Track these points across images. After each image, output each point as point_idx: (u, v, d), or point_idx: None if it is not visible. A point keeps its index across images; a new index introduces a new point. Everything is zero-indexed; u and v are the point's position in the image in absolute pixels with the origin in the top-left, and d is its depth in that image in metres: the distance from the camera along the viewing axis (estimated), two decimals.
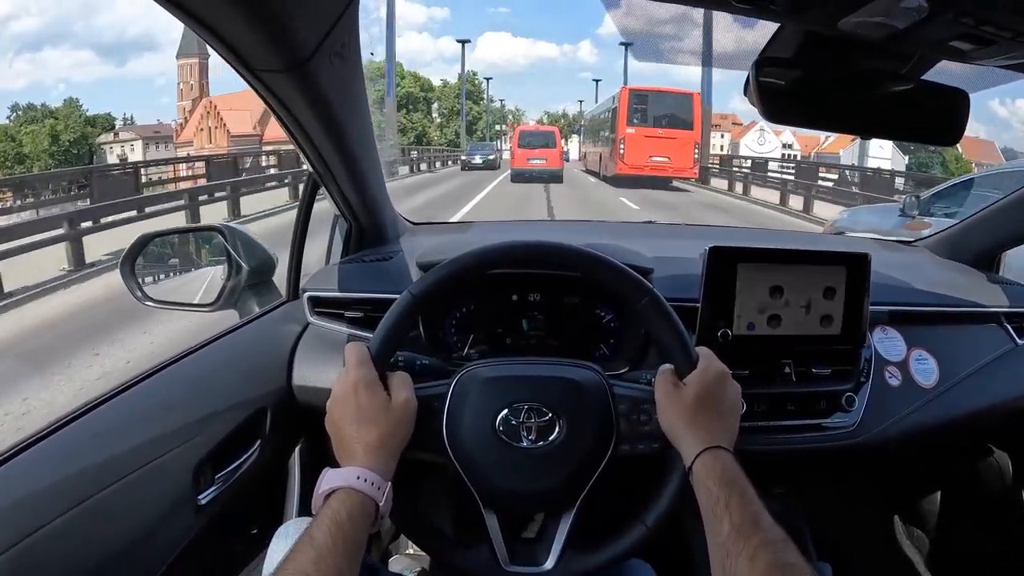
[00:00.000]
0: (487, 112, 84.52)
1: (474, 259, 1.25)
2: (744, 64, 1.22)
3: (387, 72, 45.80)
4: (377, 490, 1.04)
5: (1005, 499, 2.17)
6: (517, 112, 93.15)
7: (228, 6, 0.89)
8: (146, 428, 1.26)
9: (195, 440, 1.31)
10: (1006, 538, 2.18)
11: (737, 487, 1.05)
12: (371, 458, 1.07)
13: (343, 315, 1.67)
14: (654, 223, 2.57)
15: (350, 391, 1.12)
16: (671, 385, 1.19)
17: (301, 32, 1.03)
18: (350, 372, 1.14)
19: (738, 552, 0.96)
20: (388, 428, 1.10)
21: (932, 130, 1.32)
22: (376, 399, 1.11)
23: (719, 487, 1.05)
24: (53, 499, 1.04)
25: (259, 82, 1.12)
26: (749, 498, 1.04)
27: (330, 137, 1.38)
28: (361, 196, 1.71)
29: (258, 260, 1.82)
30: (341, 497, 1.02)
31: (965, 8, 0.92)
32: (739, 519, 1.00)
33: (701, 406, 1.16)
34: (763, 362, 1.58)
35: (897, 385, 1.70)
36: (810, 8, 1.03)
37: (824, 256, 1.58)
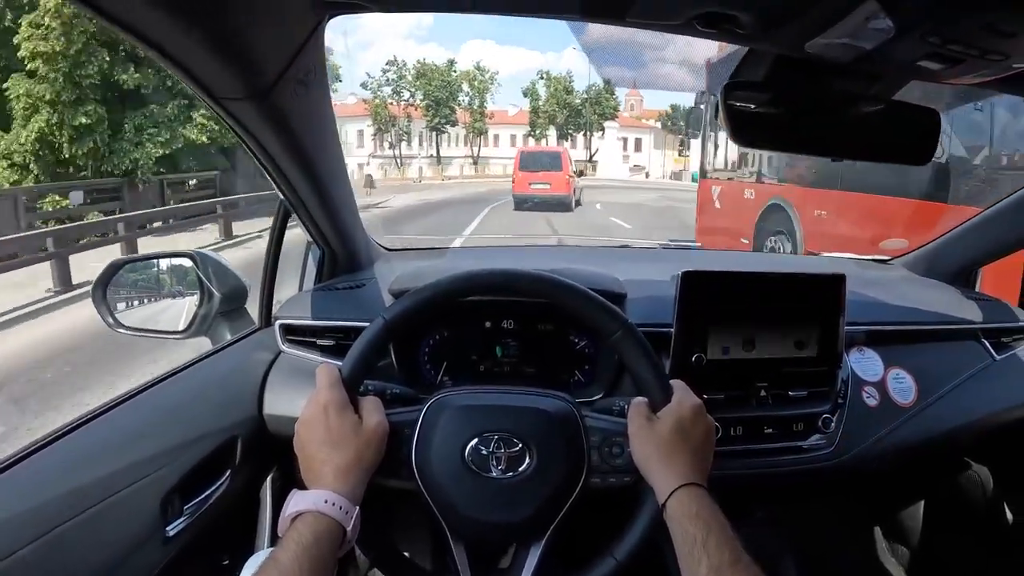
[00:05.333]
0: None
1: (448, 286, 1.23)
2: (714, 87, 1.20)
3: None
4: (345, 514, 1.01)
5: (986, 512, 2.16)
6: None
7: (187, 35, 0.87)
8: (114, 458, 1.22)
9: (164, 470, 1.26)
10: (989, 551, 2.16)
11: (714, 526, 1.02)
12: (340, 482, 1.04)
13: (315, 343, 1.63)
14: (629, 246, 2.55)
15: (320, 413, 1.09)
16: (644, 419, 1.16)
17: (263, 60, 1.01)
18: (320, 393, 1.11)
19: None
20: (358, 452, 1.07)
21: (904, 150, 1.31)
22: (346, 422, 1.08)
23: (695, 526, 1.02)
24: (16, 530, 1.01)
25: (222, 109, 1.09)
26: (727, 537, 1.00)
27: (298, 164, 1.35)
28: (333, 222, 1.68)
29: (230, 287, 1.79)
30: (308, 521, 0.98)
31: (932, 27, 0.90)
32: (717, 560, 0.97)
33: (675, 440, 1.12)
34: (739, 386, 1.56)
35: (875, 405, 1.68)
36: (777, 31, 1.01)
37: (799, 279, 1.55)
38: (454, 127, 69.17)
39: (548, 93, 69.80)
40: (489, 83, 68.40)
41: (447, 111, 66.99)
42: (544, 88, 70.66)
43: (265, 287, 1.74)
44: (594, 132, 71.55)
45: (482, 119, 68.58)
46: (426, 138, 70.54)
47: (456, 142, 73.04)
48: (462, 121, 68.82)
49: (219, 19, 0.87)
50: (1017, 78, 1.06)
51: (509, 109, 74.23)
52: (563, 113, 68.99)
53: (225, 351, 1.65)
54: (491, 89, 68.83)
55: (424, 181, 56.93)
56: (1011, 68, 1.02)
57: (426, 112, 66.61)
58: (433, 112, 66.11)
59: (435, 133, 69.11)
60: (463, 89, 68.78)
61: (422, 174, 62.78)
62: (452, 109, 67.61)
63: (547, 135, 69.74)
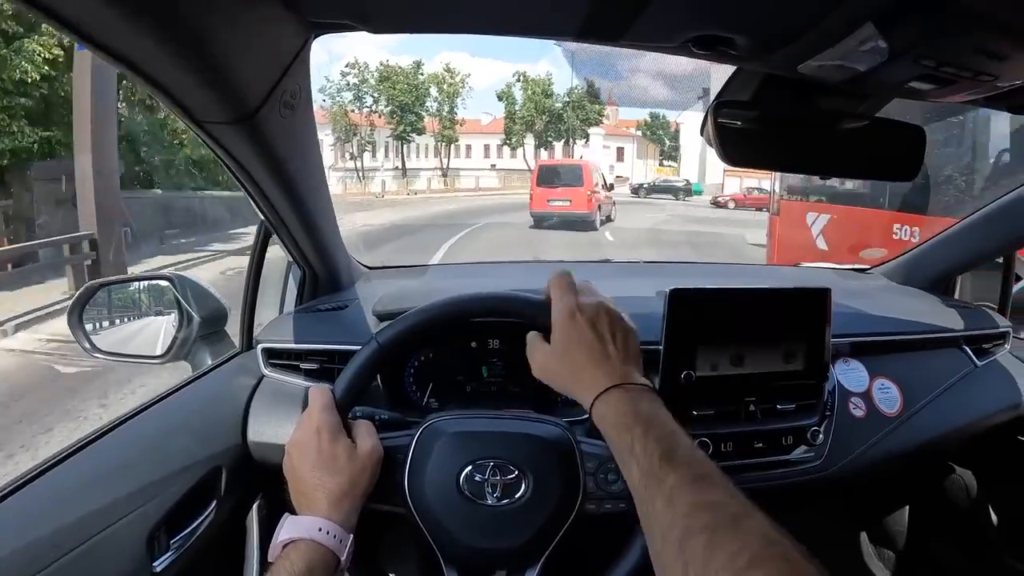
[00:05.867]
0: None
1: (443, 309, 1.21)
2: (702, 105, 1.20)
3: None
4: (339, 543, 0.99)
5: (970, 515, 2.18)
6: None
7: (172, 61, 0.85)
8: (98, 494, 1.18)
9: (149, 504, 1.23)
10: (974, 554, 2.18)
11: (640, 424, 0.94)
12: (333, 509, 1.01)
13: (299, 367, 1.60)
14: (610, 261, 2.53)
15: (312, 436, 1.06)
16: (538, 341, 1.13)
17: (247, 84, 0.99)
18: (313, 416, 1.08)
19: (652, 498, 0.86)
20: (351, 477, 1.04)
21: (890, 166, 1.31)
22: (340, 446, 1.05)
23: (619, 432, 0.96)
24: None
25: (205, 133, 1.07)
26: (659, 434, 0.92)
27: (280, 187, 1.33)
28: (314, 243, 1.65)
29: (210, 310, 1.75)
30: (301, 549, 0.96)
31: (927, 51, 0.90)
32: (647, 463, 0.89)
33: (576, 347, 1.07)
34: (728, 402, 1.54)
35: (861, 416, 1.69)
36: (772, 54, 1.01)
37: (785, 294, 1.55)
38: (421, 136, 65.28)
39: (525, 97, 65.65)
40: (460, 87, 65.56)
41: (413, 118, 62.83)
42: (521, 92, 66.47)
43: (245, 309, 1.70)
44: (577, 140, 67.30)
45: (452, 127, 65.72)
46: (392, 148, 66.17)
47: (424, 153, 68.81)
48: (430, 129, 64.83)
49: (204, 44, 0.85)
50: (1002, 95, 1.07)
51: (482, 118, 70.19)
52: (542, 119, 65.04)
53: (206, 377, 1.61)
54: (462, 93, 65.05)
55: (387, 196, 51.40)
56: (998, 88, 1.02)
57: (390, 119, 62.85)
58: (398, 119, 62.22)
59: (400, 143, 65.40)
60: (431, 94, 64.90)
61: (385, 188, 56.71)
62: (419, 116, 63.50)
63: (524, 144, 67.27)
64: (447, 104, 65.00)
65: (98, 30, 0.77)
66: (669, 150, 63.58)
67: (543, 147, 65.94)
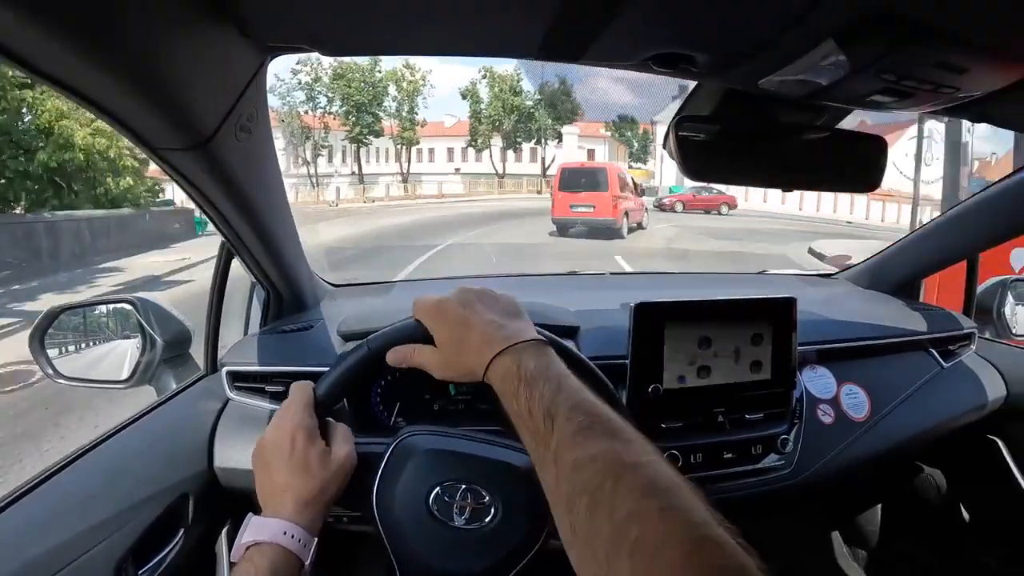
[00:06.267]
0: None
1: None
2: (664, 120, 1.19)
3: None
4: (304, 547, 0.96)
5: (941, 514, 2.20)
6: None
7: (121, 89, 0.83)
8: (63, 526, 1.14)
9: (116, 535, 1.19)
10: (945, 551, 2.20)
11: (524, 383, 0.91)
12: (300, 513, 0.98)
13: (264, 389, 1.57)
14: (577, 273, 2.52)
15: (287, 435, 1.03)
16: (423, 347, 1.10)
17: (202, 110, 0.96)
18: (291, 415, 1.05)
19: (542, 462, 0.83)
20: (322, 483, 1.01)
21: (853, 177, 1.31)
22: (314, 449, 1.03)
23: (508, 399, 0.94)
24: None
25: (162, 160, 1.04)
26: (544, 390, 0.89)
27: (240, 210, 1.30)
28: (277, 264, 1.62)
29: (173, 333, 1.72)
30: (265, 552, 0.94)
31: (887, 65, 0.89)
32: (533, 423, 0.86)
33: (452, 330, 1.06)
34: (696, 413, 1.54)
35: (830, 422, 1.69)
36: (731, 69, 1.00)
37: (750, 304, 1.55)
38: (379, 138, 59.86)
39: (492, 95, 60.15)
40: (420, 84, 59.73)
41: (370, 119, 57.37)
42: (487, 89, 60.67)
43: (210, 332, 1.67)
44: (549, 140, 61.65)
45: (412, 128, 60.45)
46: (350, 153, 61.03)
47: (384, 157, 63.88)
48: (389, 132, 59.27)
49: (156, 71, 0.83)
50: (964, 105, 1.07)
51: (446, 120, 65.51)
52: (510, 118, 59.68)
53: (171, 402, 1.57)
54: (423, 92, 60.60)
55: (342, 204, 46.92)
56: (959, 98, 1.02)
57: (345, 120, 57.26)
58: (354, 120, 56.97)
59: (357, 146, 59.76)
60: (389, 92, 59.03)
61: (340, 196, 53.11)
62: (376, 116, 57.93)
63: (491, 146, 62.42)
64: (407, 103, 59.63)
65: (45, 61, 0.74)
66: (638, 152, 61.21)
67: (511, 149, 62.32)
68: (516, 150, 62.74)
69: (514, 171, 62.08)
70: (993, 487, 2.07)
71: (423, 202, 47.33)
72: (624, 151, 60.27)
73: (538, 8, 0.86)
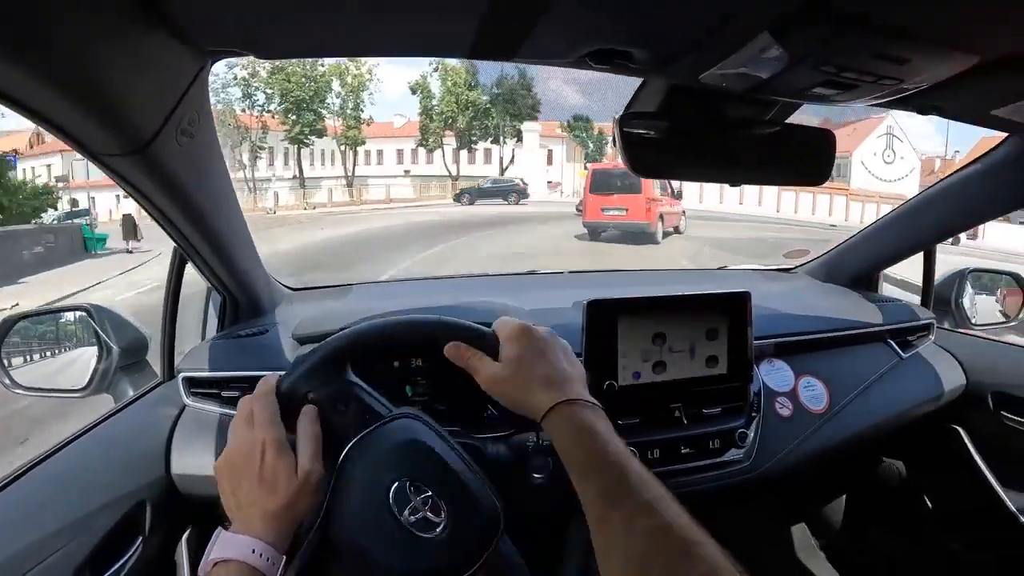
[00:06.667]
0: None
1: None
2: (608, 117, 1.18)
3: None
4: (271, 566, 0.93)
5: (902, 503, 2.22)
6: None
7: (55, 95, 0.81)
8: (18, 535, 1.12)
9: (72, 544, 1.17)
10: (908, 539, 2.23)
11: (593, 440, 0.95)
12: (268, 529, 0.95)
13: (220, 395, 1.55)
14: (535, 272, 2.51)
15: (256, 449, 0.99)
16: (484, 357, 1.11)
17: (139, 115, 0.95)
18: (259, 425, 1.01)
19: (608, 519, 0.87)
20: (291, 498, 0.98)
21: (801, 171, 1.31)
22: (282, 463, 0.99)
23: (571, 446, 0.97)
24: None
25: (102, 165, 1.02)
26: (614, 455, 0.93)
27: (187, 215, 1.28)
28: (230, 269, 1.60)
29: (129, 340, 1.70)
30: (232, 570, 0.91)
31: (825, 57, 0.88)
32: (601, 482, 0.90)
33: (528, 362, 1.07)
34: (652, 409, 1.55)
35: (788, 415, 1.70)
36: (670, 65, 1.00)
37: (704, 299, 1.55)
38: (322, 138, 53.51)
39: (444, 90, 53.86)
40: (366, 79, 53.29)
41: (311, 117, 51.19)
42: (439, 84, 54.31)
43: (166, 337, 1.64)
44: (507, 139, 55.60)
45: (357, 126, 54.29)
46: (291, 155, 56.05)
47: (329, 159, 58.55)
48: (332, 132, 53.39)
49: (90, 76, 0.81)
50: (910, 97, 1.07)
51: (395, 120, 60.09)
52: (465, 115, 53.57)
53: (127, 409, 1.55)
54: (369, 87, 54.02)
55: (280, 212, 41.47)
56: (905, 90, 1.02)
57: (284, 119, 50.84)
58: (294, 119, 50.69)
59: (297, 147, 53.29)
60: (332, 88, 52.66)
61: (278, 202, 46.38)
62: (318, 114, 51.86)
63: (443, 145, 56.73)
64: (351, 100, 53.56)
65: None
66: (593, 153, 58.81)
67: (465, 149, 56.16)
68: (470, 150, 57.33)
69: (469, 173, 55.43)
70: (954, 475, 2.08)
71: (370, 208, 43.00)
72: (581, 152, 56.87)
73: (467, 7, 0.85)
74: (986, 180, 1.73)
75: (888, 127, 40.31)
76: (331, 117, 53.69)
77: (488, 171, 53.78)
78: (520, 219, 23.71)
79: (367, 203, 46.82)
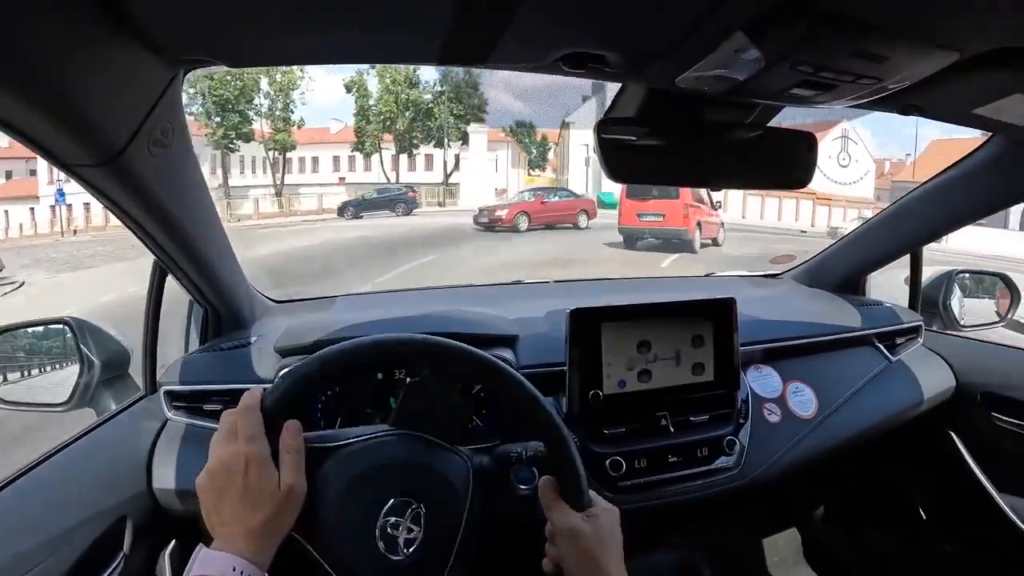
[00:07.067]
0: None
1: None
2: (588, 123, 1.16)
3: None
4: None
5: (897, 505, 2.23)
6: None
7: (24, 103, 0.80)
8: None
9: (51, 560, 1.15)
10: (906, 541, 2.23)
11: None
12: (249, 545, 0.93)
13: (202, 408, 1.53)
14: (521, 283, 2.50)
15: (240, 465, 0.97)
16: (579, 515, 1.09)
17: (108, 126, 0.93)
18: (243, 442, 0.99)
19: None
20: (272, 514, 0.96)
21: (783, 174, 1.29)
22: (266, 480, 0.97)
23: None
24: None
25: (73, 175, 1.01)
26: None
27: (164, 226, 1.26)
28: (211, 281, 1.58)
29: (110, 353, 1.68)
30: None
31: (802, 57, 0.87)
32: None
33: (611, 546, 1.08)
34: (638, 418, 1.53)
35: (777, 421, 1.69)
36: (646, 68, 0.99)
37: (689, 307, 1.54)
38: (249, 143, 46.75)
39: (383, 88, 48.05)
40: (298, 77, 46.75)
41: (237, 119, 44.91)
42: (376, 82, 48.35)
43: (147, 351, 1.62)
44: (452, 141, 48.74)
45: (287, 129, 47.89)
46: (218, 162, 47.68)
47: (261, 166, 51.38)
48: (260, 136, 46.98)
49: (60, 84, 0.80)
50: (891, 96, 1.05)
51: (332, 125, 54.47)
52: (405, 116, 47.80)
53: (108, 423, 1.53)
54: (300, 86, 47.15)
55: None
56: (885, 89, 1.00)
57: (207, 121, 44.54)
58: (217, 121, 44.70)
59: (223, 153, 46.40)
60: (260, 87, 45.91)
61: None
62: (244, 116, 45.53)
63: (382, 149, 50.63)
64: (280, 100, 47.12)
65: None
66: (536, 158, 54.39)
67: (405, 152, 49.96)
68: (411, 155, 51.11)
69: (409, 180, 48.30)
70: (946, 476, 2.08)
71: (300, 220, 37.27)
72: (526, 158, 53.10)
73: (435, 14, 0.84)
74: (971, 181, 1.73)
75: (843, 130, 40.19)
76: (261, 120, 47.74)
77: (431, 178, 49.46)
78: (469, 236, 20.93)
79: (297, 214, 41.48)
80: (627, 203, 20.43)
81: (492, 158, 47.63)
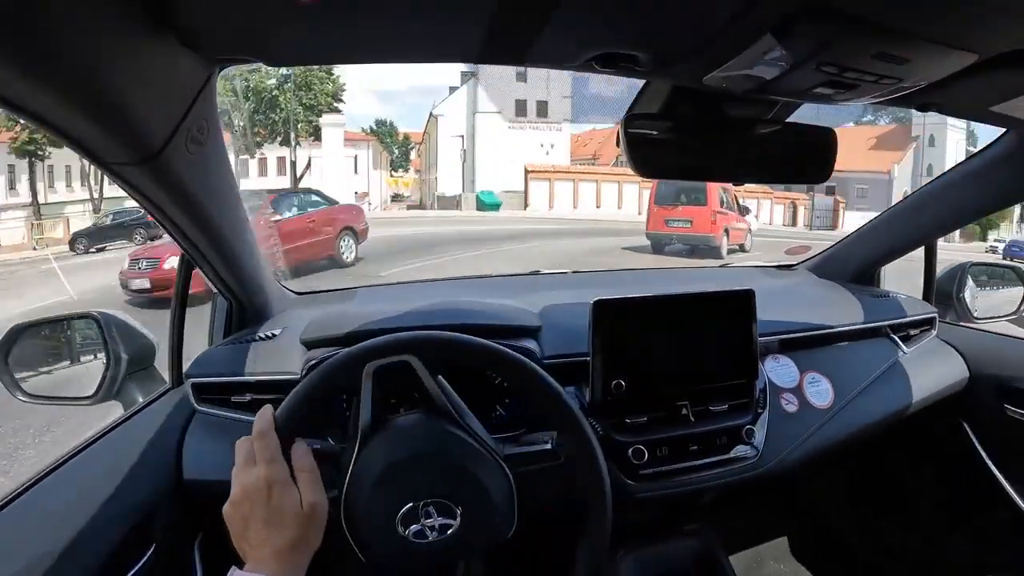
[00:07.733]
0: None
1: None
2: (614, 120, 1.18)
3: None
4: None
5: (910, 496, 2.24)
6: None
7: (66, 105, 0.81)
8: (31, 547, 1.12)
9: (84, 554, 1.17)
10: (917, 533, 2.24)
11: None
12: (281, 565, 0.96)
13: (230, 400, 1.55)
14: (540, 273, 2.51)
15: (262, 488, 0.99)
16: None
17: (150, 124, 0.95)
18: (262, 466, 1.01)
19: None
20: (299, 533, 0.98)
21: (803, 168, 1.31)
22: (288, 501, 0.99)
23: None
24: None
25: (112, 174, 1.02)
26: None
27: (196, 221, 1.28)
28: (237, 275, 1.60)
29: (136, 347, 1.70)
30: None
31: (827, 58, 0.89)
32: None
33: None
34: (660, 407, 1.55)
35: (794, 411, 1.70)
36: (674, 67, 1.00)
37: (708, 298, 1.56)
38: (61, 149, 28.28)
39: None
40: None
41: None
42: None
43: (173, 344, 1.65)
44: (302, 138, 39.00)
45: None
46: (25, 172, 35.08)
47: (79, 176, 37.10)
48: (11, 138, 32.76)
49: (100, 85, 0.81)
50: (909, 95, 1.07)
51: None
52: (245, 108, 36.30)
53: (136, 416, 1.55)
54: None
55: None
56: (904, 88, 1.02)
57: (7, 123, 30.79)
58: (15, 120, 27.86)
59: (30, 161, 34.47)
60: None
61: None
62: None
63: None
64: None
65: None
66: (399, 159, 52.80)
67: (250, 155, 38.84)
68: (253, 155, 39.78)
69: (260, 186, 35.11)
70: (959, 466, 2.09)
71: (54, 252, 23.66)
72: (387, 158, 48.48)
73: (476, 11, 0.86)
74: (985, 174, 1.74)
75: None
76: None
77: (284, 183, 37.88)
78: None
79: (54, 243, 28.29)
80: (655, 209, 20.22)
81: (350, 156, 41.45)
